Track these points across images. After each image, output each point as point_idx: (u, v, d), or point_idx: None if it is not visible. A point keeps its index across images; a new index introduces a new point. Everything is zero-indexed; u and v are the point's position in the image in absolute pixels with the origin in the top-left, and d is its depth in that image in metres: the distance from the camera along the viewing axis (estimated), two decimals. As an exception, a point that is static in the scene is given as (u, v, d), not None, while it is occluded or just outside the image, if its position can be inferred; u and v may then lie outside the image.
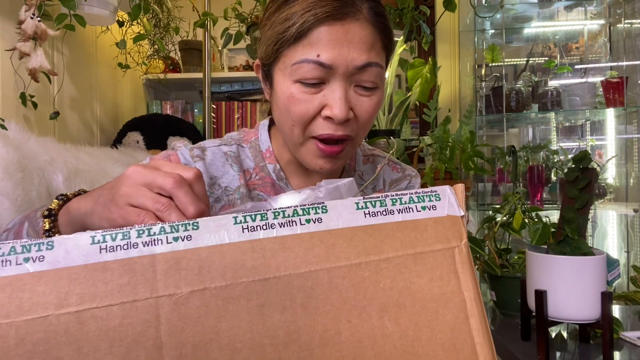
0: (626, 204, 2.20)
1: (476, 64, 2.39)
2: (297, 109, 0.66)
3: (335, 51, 0.63)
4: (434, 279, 0.41)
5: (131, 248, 0.37)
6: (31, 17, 1.16)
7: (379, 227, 0.41)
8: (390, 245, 0.41)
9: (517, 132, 2.74)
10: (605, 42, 2.47)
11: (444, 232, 0.43)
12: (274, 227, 0.39)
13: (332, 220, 0.40)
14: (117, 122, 1.92)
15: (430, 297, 0.41)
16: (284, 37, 0.65)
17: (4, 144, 0.95)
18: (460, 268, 0.43)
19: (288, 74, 0.66)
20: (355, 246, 0.40)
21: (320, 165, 0.69)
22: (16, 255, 0.35)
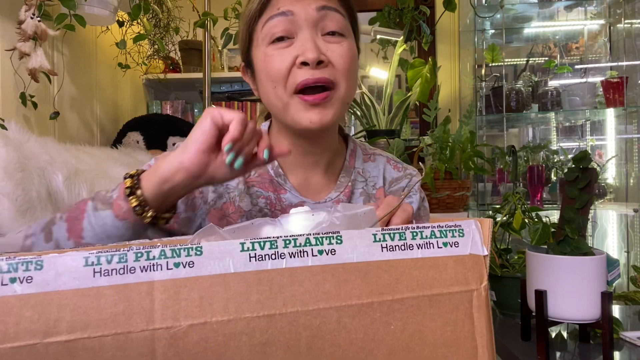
0: (626, 204, 2.20)
1: (476, 64, 2.39)
2: (274, 65, 0.70)
3: (293, 2, 0.70)
4: (448, 323, 0.40)
5: (128, 273, 0.34)
6: (31, 17, 1.16)
7: (395, 264, 0.39)
8: (406, 284, 0.39)
9: (517, 132, 2.75)
10: (605, 42, 2.47)
11: (464, 273, 0.40)
12: (283, 257, 0.37)
13: (346, 253, 0.38)
14: (117, 122, 1.92)
15: (442, 342, 0.39)
16: (250, 14, 0.72)
17: (4, 144, 0.95)
18: (476, 313, 0.41)
19: (261, 41, 0.72)
20: (368, 283, 0.38)
21: (310, 118, 0.70)
22: (2, 275, 0.32)
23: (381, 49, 2.52)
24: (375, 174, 0.85)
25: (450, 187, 1.81)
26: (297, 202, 0.78)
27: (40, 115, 1.39)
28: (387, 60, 2.43)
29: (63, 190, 1.08)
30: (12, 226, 0.91)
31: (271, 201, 0.78)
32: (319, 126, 0.71)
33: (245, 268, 0.36)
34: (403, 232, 0.40)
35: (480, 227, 0.42)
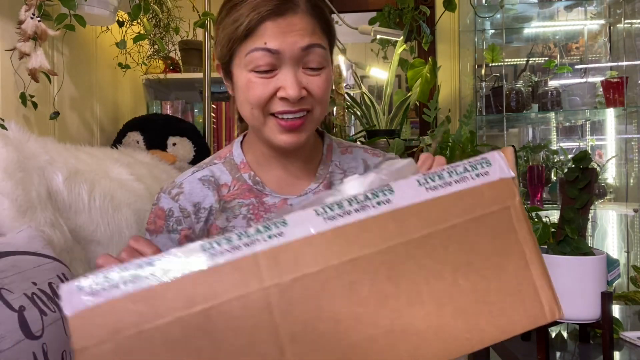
0: (626, 204, 2.20)
1: (476, 64, 2.39)
2: (254, 93, 0.74)
3: (280, 39, 0.72)
4: (496, 236, 0.48)
5: (236, 250, 0.43)
6: (31, 17, 1.16)
7: (440, 200, 0.47)
8: (453, 213, 0.47)
9: (517, 132, 2.74)
10: (605, 42, 2.47)
11: (498, 194, 0.49)
12: (350, 214, 0.45)
13: (398, 200, 0.46)
14: (117, 122, 1.92)
15: (494, 252, 0.47)
16: (235, 36, 0.74)
17: (4, 144, 0.95)
18: (516, 224, 0.49)
19: (243, 65, 0.74)
20: (422, 219, 0.46)
21: (284, 140, 0.76)
22: (143, 270, 0.41)
23: (381, 49, 2.52)
24: (354, 165, 0.90)
25: (450, 187, 1.80)
26: (279, 201, 0.83)
27: (40, 115, 1.39)
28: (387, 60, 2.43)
29: (63, 190, 1.08)
30: (12, 226, 0.91)
31: (254, 206, 0.83)
32: (293, 147, 0.77)
33: (322, 228, 0.44)
34: (440, 173, 0.48)
35: (503, 156, 0.49)
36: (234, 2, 0.75)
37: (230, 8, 0.75)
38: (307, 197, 0.84)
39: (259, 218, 0.82)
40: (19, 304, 0.74)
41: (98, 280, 0.41)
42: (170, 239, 0.83)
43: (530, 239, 0.49)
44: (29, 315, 0.74)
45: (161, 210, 0.84)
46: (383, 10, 2.40)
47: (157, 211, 0.85)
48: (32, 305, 0.75)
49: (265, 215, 0.82)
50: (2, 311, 0.71)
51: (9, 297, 0.73)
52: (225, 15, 0.76)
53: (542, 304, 0.49)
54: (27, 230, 0.91)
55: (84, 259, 1.08)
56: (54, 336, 0.76)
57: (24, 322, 0.72)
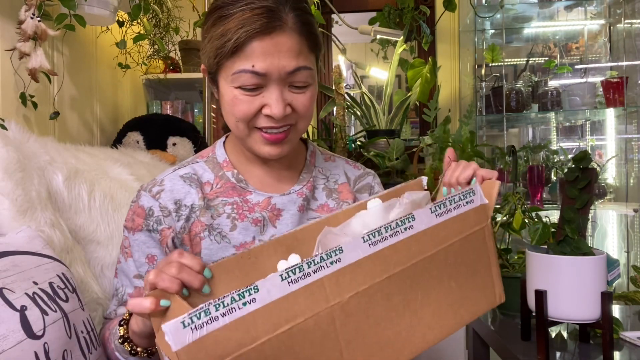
0: (626, 204, 2.20)
1: (476, 64, 2.39)
2: (240, 109, 0.75)
3: (267, 61, 0.73)
4: (475, 249, 0.67)
5: (306, 277, 0.52)
6: (31, 17, 1.16)
7: (445, 223, 0.63)
8: (452, 234, 0.64)
9: (517, 132, 2.75)
10: (605, 42, 2.47)
11: (479, 217, 0.67)
12: (387, 239, 0.58)
13: (419, 225, 0.60)
14: (117, 122, 1.92)
15: (473, 260, 0.67)
16: (222, 52, 0.74)
17: (4, 144, 0.95)
18: (487, 239, 0.69)
19: (229, 81, 0.75)
20: (434, 240, 0.62)
21: (267, 152, 0.79)
22: (237, 303, 0.49)
23: (381, 49, 2.52)
24: (336, 172, 0.94)
25: (450, 187, 1.81)
26: (263, 199, 0.84)
27: (40, 115, 1.39)
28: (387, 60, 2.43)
29: (63, 190, 1.08)
30: (12, 226, 0.91)
31: (237, 204, 0.83)
32: (277, 157, 0.81)
33: (368, 252, 0.56)
34: (445, 202, 0.63)
35: (480, 187, 0.68)
36: (221, 14, 0.74)
37: (217, 19, 0.75)
38: (290, 197, 0.85)
39: (243, 218, 0.82)
40: (20, 304, 0.74)
41: (199, 315, 0.47)
42: (151, 237, 0.83)
43: (493, 247, 0.69)
44: (31, 315, 0.74)
45: (141, 208, 0.84)
46: (383, 10, 2.40)
47: (137, 209, 0.84)
48: (33, 305, 0.75)
49: (249, 215, 0.83)
50: (4, 311, 0.71)
51: (11, 297, 0.73)
52: (212, 25, 0.76)
53: (495, 294, 0.72)
54: (27, 230, 0.91)
55: (84, 259, 1.08)
56: (55, 336, 0.76)
57: (25, 322, 0.72)
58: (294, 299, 0.51)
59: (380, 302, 0.58)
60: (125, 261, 0.85)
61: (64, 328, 0.78)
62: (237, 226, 0.82)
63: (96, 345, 0.86)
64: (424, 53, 2.46)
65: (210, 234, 0.82)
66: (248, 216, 0.83)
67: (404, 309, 0.60)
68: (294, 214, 0.85)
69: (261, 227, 0.83)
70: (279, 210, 0.84)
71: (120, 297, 0.86)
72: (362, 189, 0.96)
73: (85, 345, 0.82)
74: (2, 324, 0.69)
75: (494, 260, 0.69)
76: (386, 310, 0.58)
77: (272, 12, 0.72)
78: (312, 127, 2.36)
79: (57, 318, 0.78)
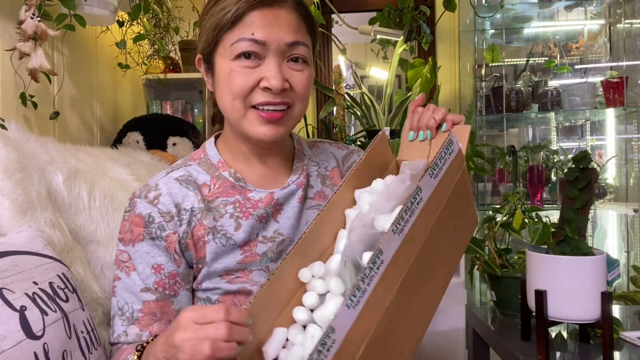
0: (626, 204, 2.20)
1: (476, 64, 2.39)
2: (237, 82, 0.75)
3: (267, 30, 0.73)
4: (461, 192, 0.73)
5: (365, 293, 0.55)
6: (31, 17, 1.16)
7: (441, 182, 0.67)
8: (446, 188, 0.69)
9: (517, 132, 2.74)
10: (605, 42, 2.47)
11: (459, 163, 0.72)
12: (408, 221, 0.61)
13: (425, 194, 0.64)
14: (117, 122, 1.91)
15: (461, 201, 0.74)
16: (221, 23, 0.75)
17: (4, 144, 0.94)
18: (467, 179, 0.75)
19: (227, 54, 0.75)
20: (437, 202, 0.67)
21: (263, 132, 0.77)
22: (324, 353, 0.50)
23: (381, 49, 2.52)
24: (324, 157, 0.94)
25: (450, 187, 1.80)
26: (266, 195, 0.82)
27: (40, 115, 1.39)
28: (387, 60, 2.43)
29: (63, 190, 1.08)
30: (12, 226, 0.91)
31: (240, 202, 0.82)
32: (272, 140, 0.78)
33: (399, 242, 0.60)
34: (437, 162, 0.67)
35: (454, 134, 0.72)
36: None
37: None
38: (290, 189, 0.84)
39: (248, 216, 0.80)
40: (20, 304, 0.74)
41: None
42: (155, 245, 0.79)
43: (468, 181, 0.75)
44: (30, 315, 0.74)
45: (138, 217, 0.80)
46: (383, 10, 2.40)
47: (134, 218, 0.80)
48: (33, 305, 0.75)
49: (253, 212, 0.81)
50: (3, 311, 0.71)
51: (10, 297, 0.73)
52: (212, 5, 0.77)
53: (476, 217, 0.80)
54: (27, 230, 0.91)
55: (84, 259, 1.08)
56: (55, 336, 0.76)
57: (25, 322, 0.72)
58: (361, 319, 0.54)
59: (415, 281, 0.62)
60: (127, 276, 0.80)
61: (64, 328, 0.78)
62: (242, 225, 0.80)
63: (96, 346, 0.86)
64: (424, 53, 2.46)
65: (214, 237, 0.80)
66: (253, 213, 0.81)
67: (428, 275, 0.66)
68: (295, 206, 0.84)
69: (264, 223, 0.82)
70: (281, 204, 0.83)
71: (128, 316, 0.80)
72: (351, 167, 0.96)
73: (85, 346, 0.82)
74: (1, 324, 0.69)
75: (471, 192, 0.77)
76: (419, 284, 0.64)
77: None
78: (312, 127, 2.35)
79: (57, 318, 0.78)
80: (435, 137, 0.80)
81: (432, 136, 0.80)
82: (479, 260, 1.25)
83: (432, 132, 0.80)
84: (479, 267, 1.25)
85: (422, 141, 0.81)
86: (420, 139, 0.81)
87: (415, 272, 0.62)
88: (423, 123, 0.80)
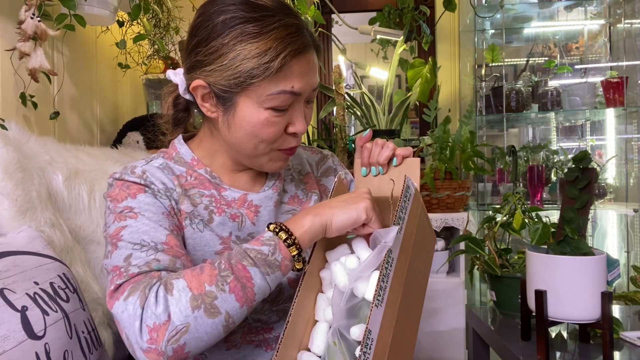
0: (626, 204, 2.20)
1: (476, 64, 2.39)
2: (270, 131, 0.74)
3: (304, 81, 0.73)
4: (422, 224, 0.76)
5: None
6: (31, 17, 1.16)
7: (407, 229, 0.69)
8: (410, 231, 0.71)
9: (517, 132, 2.74)
10: (605, 42, 2.47)
11: (417, 201, 0.73)
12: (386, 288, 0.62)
13: (395, 252, 0.65)
14: (117, 122, 1.92)
15: (424, 228, 0.77)
16: (259, 72, 0.69)
17: (4, 144, 0.95)
18: (424, 210, 0.77)
19: (259, 102, 0.72)
20: (406, 250, 0.69)
21: (278, 166, 0.81)
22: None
23: (381, 49, 2.52)
24: (296, 161, 0.95)
25: (450, 187, 1.81)
26: (240, 196, 0.82)
27: (40, 115, 1.39)
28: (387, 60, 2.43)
29: (63, 190, 1.08)
30: (12, 226, 0.91)
31: (215, 198, 0.81)
32: (279, 170, 0.84)
33: None
34: (400, 214, 0.68)
35: (410, 178, 0.73)
36: (251, 31, 0.69)
37: (253, 35, 0.69)
38: (267, 194, 0.84)
39: (221, 212, 0.80)
40: (21, 304, 0.74)
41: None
42: (157, 200, 0.75)
43: (423, 208, 0.77)
44: (32, 315, 0.74)
45: (129, 181, 0.76)
46: (383, 10, 2.40)
47: (124, 183, 0.76)
48: (34, 305, 0.75)
49: (227, 210, 0.80)
50: (5, 311, 0.71)
51: (12, 297, 0.73)
52: (242, 39, 0.69)
53: (433, 234, 0.83)
54: (28, 231, 0.91)
55: (84, 259, 1.08)
56: (56, 336, 0.76)
57: (26, 322, 0.72)
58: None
59: (401, 326, 0.66)
60: (135, 220, 0.71)
61: (65, 328, 0.78)
62: (214, 219, 0.79)
63: (97, 346, 0.86)
64: (424, 53, 2.46)
65: (192, 222, 0.78)
66: (226, 211, 0.80)
67: (409, 312, 0.70)
68: (271, 210, 0.84)
69: (239, 223, 0.81)
70: (257, 206, 0.83)
71: (153, 246, 0.69)
72: (326, 172, 0.97)
73: (86, 346, 0.82)
74: (3, 324, 0.69)
75: (426, 215, 0.78)
76: (403, 327, 0.68)
77: (301, 29, 0.73)
78: (312, 127, 2.35)
79: (58, 318, 0.78)
80: (387, 172, 0.82)
81: (385, 171, 0.82)
82: (479, 260, 1.25)
83: (383, 168, 0.82)
84: (479, 267, 1.25)
85: (376, 176, 0.83)
86: (373, 175, 0.83)
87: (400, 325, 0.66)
88: (374, 159, 0.82)
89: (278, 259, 0.67)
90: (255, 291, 0.65)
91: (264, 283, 0.66)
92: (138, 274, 0.66)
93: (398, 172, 0.81)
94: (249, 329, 0.81)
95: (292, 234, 0.68)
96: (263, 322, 0.82)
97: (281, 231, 0.68)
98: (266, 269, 0.66)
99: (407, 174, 0.78)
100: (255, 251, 0.66)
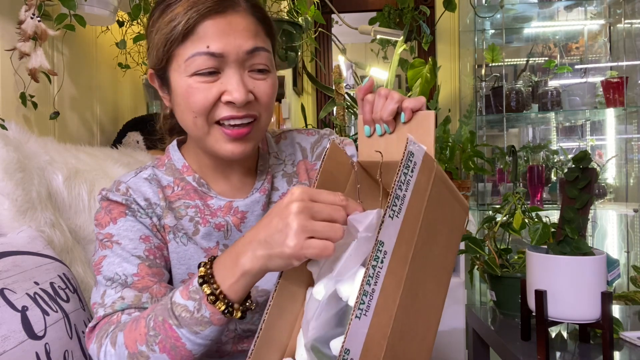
0: (626, 204, 2.20)
1: (476, 64, 2.39)
2: (197, 99, 0.69)
3: (223, 40, 0.68)
4: (439, 199, 0.60)
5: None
6: (31, 17, 1.16)
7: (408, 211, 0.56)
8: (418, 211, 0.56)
9: (517, 132, 2.75)
10: (605, 42, 2.48)
11: (428, 171, 0.57)
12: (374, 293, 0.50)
13: (388, 244, 0.52)
14: (117, 122, 1.92)
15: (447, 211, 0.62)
16: (172, 37, 0.68)
17: (4, 144, 0.95)
18: (441, 182, 0.61)
19: (183, 70, 0.69)
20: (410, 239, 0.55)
21: (230, 150, 0.72)
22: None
23: (381, 49, 2.52)
24: (290, 151, 0.88)
25: (450, 187, 1.81)
26: (225, 204, 0.79)
27: (40, 115, 1.39)
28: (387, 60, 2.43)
29: (63, 190, 1.08)
30: (12, 226, 0.91)
31: (200, 208, 0.78)
32: (240, 157, 0.73)
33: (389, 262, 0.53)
34: (397, 193, 0.53)
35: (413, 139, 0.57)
36: (168, 2, 0.70)
37: (165, 8, 0.70)
38: (253, 198, 0.80)
39: (206, 223, 0.78)
40: (21, 304, 0.74)
41: None
42: (138, 221, 0.75)
43: (445, 179, 0.61)
44: (32, 316, 0.74)
45: (114, 202, 0.76)
46: (383, 10, 2.40)
47: (109, 205, 0.76)
48: (34, 305, 0.75)
49: (211, 220, 0.78)
50: (5, 311, 0.71)
51: (12, 297, 0.73)
52: (159, 16, 0.71)
53: (465, 204, 0.66)
54: (28, 231, 0.91)
55: (84, 259, 1.08)
56: (56, 336, 0.76)
57: (26, 322, 0.72)
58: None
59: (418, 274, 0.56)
60: (112, 249, 0.74)
61: (65, 328, 0.78)
62: (200, 231, 0.78)
63: (97, 346, 0.86)
64: (424, 53, 2.46)
65: (175, 236, 0.77)
66: (210, 221, 0.78)
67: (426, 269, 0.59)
68: (259, 214, 0.80)
69: (225, 232, 0.79)
70: (243, 213, 0.79)
71: (122, 282, 0.71)
72: (322, 154, 0.89)
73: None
74: (3, 324, 0.69)
75: (451, 186, 0.63)
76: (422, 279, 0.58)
77: None
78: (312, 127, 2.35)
79: (58, 318, 0.78)
80: (394, 130, 0.66)
81: (391, 130, 0.66)
82: (479, 260, 1.25)
83: (390, 125, 0.66)
84: (479, 267, 1.25)
85: (382, 136, 0.68)
86: (378, 134, 0.68)
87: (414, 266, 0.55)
88: (377, 115, 0.66)
89: (206, 315, 0.60)
90: (189, 349, 0.62)
91: (196, 343, 0.61)
92: (104, 317, 0.70)
93: (408, 130, 0.64)
94: (239, 339, 0.80)
95: (218, 286, 0.60)
96: (253, 331, 0.80)
97: (205, 284, 0.60)
98: (194, 329, 0.60)
99: (419, 132, 0.61)
100: (181, 307, 0.61)
